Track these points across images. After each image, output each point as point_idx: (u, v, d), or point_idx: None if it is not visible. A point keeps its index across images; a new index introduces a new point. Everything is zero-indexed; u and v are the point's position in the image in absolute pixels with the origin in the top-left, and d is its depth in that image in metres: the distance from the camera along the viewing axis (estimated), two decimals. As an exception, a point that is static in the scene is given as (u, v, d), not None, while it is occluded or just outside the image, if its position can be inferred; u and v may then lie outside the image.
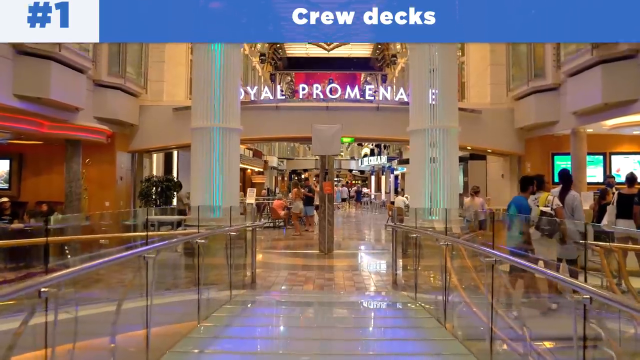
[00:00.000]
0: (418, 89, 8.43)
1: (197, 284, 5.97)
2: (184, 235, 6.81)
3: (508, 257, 3.93)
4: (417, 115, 8.45)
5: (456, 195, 8.27)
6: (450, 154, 8.31)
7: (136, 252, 4.03)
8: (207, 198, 8.10)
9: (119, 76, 11.55)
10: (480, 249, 4.19)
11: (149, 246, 4.16)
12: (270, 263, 11.00)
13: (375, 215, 27.93)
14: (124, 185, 12.69)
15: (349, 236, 16.62)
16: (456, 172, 8.33)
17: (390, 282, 8.75)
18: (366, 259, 12.49)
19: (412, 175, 8.85)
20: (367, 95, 12.90)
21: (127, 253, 3.90)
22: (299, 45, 34.30)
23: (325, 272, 9.79)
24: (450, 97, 8.36)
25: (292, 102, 13.25)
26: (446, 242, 5.66)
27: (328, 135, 11.69)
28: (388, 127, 13.08)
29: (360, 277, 9.43)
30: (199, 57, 8.52)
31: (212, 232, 5.89)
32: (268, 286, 8.45)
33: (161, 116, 13.05)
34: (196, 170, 8.29)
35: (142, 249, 4.08)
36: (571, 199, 7.16)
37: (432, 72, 8.08)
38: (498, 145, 13.10)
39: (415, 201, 8.50)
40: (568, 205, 7.10)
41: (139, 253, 4.07)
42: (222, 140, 8.30)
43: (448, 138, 8.39)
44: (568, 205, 7.10)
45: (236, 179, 8.72)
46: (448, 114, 8.40)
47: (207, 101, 8.24)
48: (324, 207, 12.00)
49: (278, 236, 16.35)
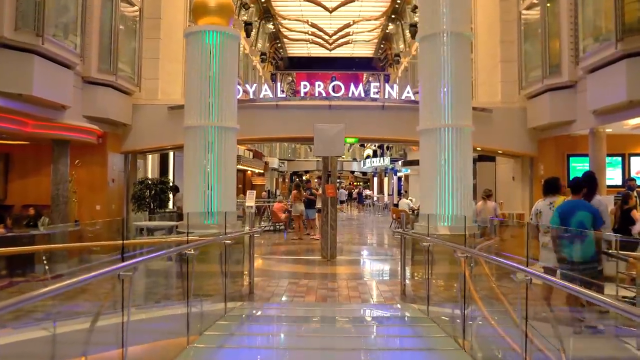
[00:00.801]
0: (428, 85, 7.79)
1: (187, 298, 5.33)
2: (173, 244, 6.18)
3: (562, 284, 3.30)
4: (428, 114, 7.80)
5: (470, 200, 7.64)
6: (463, 155, 7.67)
7: (109, 272, 3.41)
8: (200, 202, 7.46)
9: (110, 73, 10.93)
10: (515, 267, 3.56)
11: (125, 264, 3.54)
12: (270, 271, 10.38)
13: (377, 217, 27.31)
14: (116, 188, 12.07)
15: (351, 240, 15.99)
16: (470, 174, 7.71)
17: (399, 292, 8.13)
18: (371, 265, 11.87)
19: (422, 178, 8.22)
20: (372, 94, 12.26)
21: (97, 273, 3.27)
22: (301, 45, 33.78)
23: (328, 281, 9.18)
24: (463, 94, 7.72)
25: (293, 100, 12.63)
26: (465, 254, 5.03)
27: (330, 135, 11.07)
28: (394, 127, 12.45)
29: (366, 286, 8.81)
30: (192, 51, 7.89)
31: (202, 241, 5.26)
32: (267, 297, 7.83)
33: (156, 115, 12.43)
34: (189, 173, 7.65)
35: (116, 267, 3.46)
36: (596, 204, 6.54)
37: (443, 65, 7.44)
38: (509, 146, 12.46)
39: (426, 206, 7.86)
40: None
41: (113, 272, 3.46)
42: (217, 139, 7.66)
43: (461, 138, 7.75)
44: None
45: (233, 182, 8.10)
46: (461, 112, 7.77)
47: (202, 98, 7.60)
48: (326, 210, 11.38)
49: (278, 240, 15.74)
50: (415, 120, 12.04)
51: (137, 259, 3.66)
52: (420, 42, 8.43)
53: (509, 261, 3.82)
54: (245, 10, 24.06)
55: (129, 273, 3.55)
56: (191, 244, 4.93)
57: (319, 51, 33.37)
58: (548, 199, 6.33)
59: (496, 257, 3.95)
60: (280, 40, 34.09)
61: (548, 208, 6.24)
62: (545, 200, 6.38)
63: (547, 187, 6.42)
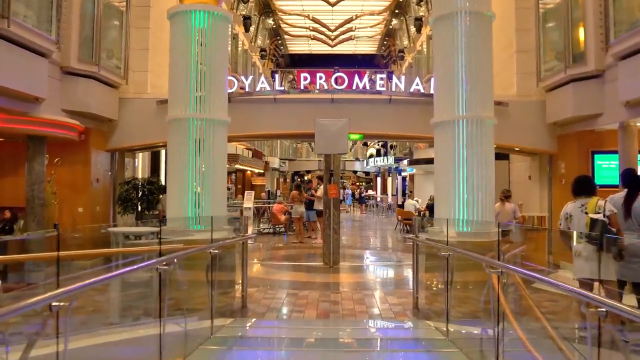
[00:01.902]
0: (443, 71, 6.83)
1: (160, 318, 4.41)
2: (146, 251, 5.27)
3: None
4: (443, 104, 6.83)
5: (492, 202, 6.70)
6: (484, 151, 6.72)
7: (37, 303, 2.50)
8: (185, 205, 6.53)
9: (92, 63, 10.01)
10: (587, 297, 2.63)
11: (60, 291, 2.63)
12: (267, 279, 9.45)
13: (381, 219, 26.38)
14: (101, 188, 11.15)
15: (355, 244, 15.05)
16: (492, 173, 6.77)
17: (410, 306, 7.21)
18: (377, 273, 10.93)
19: (437, 177, 7.29)
20: (378, 86, 11.31)
21: (17, 308, 2.35)
22: (302, 41, 32.91)
23: (331, 292, 8.25)
24: (483, 81, 6.76)
25: (292, 93, 11.69)
26: (499, 269, 4.10)
27: (333, 131, 10.16)
28: (401, 122, 11.51)
29: (373, 298, 7.88)
30: (177, 33, 6.94)
31: (178, 254, 4.33)
32: (261, 312, 6.90)
33: (145, 110, 11.51)
34: (173, 171, 6.70)
35: (46, 297, 2.55)
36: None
37: (461, 49, 6.50)
38: (526, 142, 11.50)
39: (441, 208, 6.92)
40: (636, 214, 5.56)
41: (43, 303, 2.55)
42: (205, 134, 6.71)
43: (482, 131, 6.81)
44: (636, 214, 5.56)
45: (222, 181, 7.17)
46: (481, 102, 6.82)
47: (187, 87, 6.65)
48: (328, 213, 10.46)
49: (278, 244, 14.82)
50: (424, 115, 11.11)
51: (73, 287, 2.72)
52: (434, 23, 7.48)
53: (578, 290, 2.88)
54: (244, 4, 23.19)
55: (65, 304, 2.65)
56: (163, 257, 4.00)
57: (320, 48, 32.50)
58: (579, 201, 5.41)
59: (556, 282, 3.01)
60: (280, 37, 33.27)
61: (579, 211, 5.33)
62: (575, 202, 5.46)
63: (578, 187, 5.49)
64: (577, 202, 5.49)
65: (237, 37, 23.97)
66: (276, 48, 34.05)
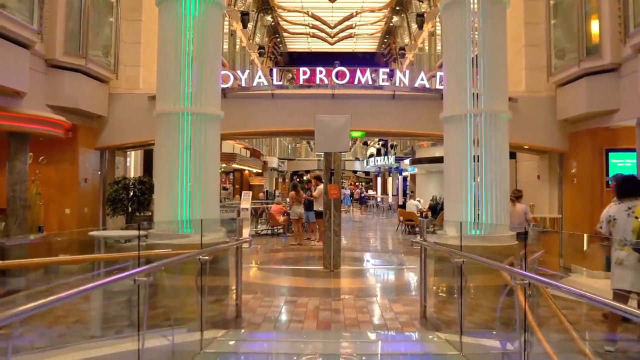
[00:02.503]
0: (454, 62, 6.29)
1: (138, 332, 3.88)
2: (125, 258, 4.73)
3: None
4: (453, 97, 6.28)
5: (506, 203, 6.17)
6: (498, 148, 6.18)
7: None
8: (175, 206, 5.99)
9: (79, 56, 9.47)
10: None
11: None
12: (263, 285, 8.92)
13: (381, 220, 25.85)
14: (90, 188, 10.61)
15: (356, 246, 14.52)
16: (506, 172, 6.24)
17: (418, 315, 6.68)
18: (380, 278, 10.40)
19: (447, 177, 6.76)
20: (381, 81, 10.77)
21: None
22: (301, 39, 32.40)
23: (332, 299, 7.73)
24: (498, 72, 6.22)
25: (291, 88, 11.13)
26: (525, 281, 3.57)
27: (334, 128, 9.64)
28: (405, 119, 10.98)
29: (377, 306, 7.35)
30: (166, 19, 6.40)
31: (160, 263, 3.80)
32: (257, 323, 6.37)
33: (136, 106, 10.96)
34: (161, 170, 6.15)
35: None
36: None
37: (473, 37, 5.96)
38: (536, 140, 10.97)
39: (450, 210, 6.37)
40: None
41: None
42: (196, 129, 6.16)
43: (496, 126, 6.26)
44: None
45: (215, 181, 6.62)
46: (495, 95, 6.28)
47: (176, 78, 6.11)
48: (328, 214, 9.93)
49: (276, 246, 14.29)
50: (430, 111, 10.59)
51: (22, 309, 2.19)
52: (443, 10, 6.92)
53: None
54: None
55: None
56: (142, 268, 3.47)
57: (320, 46, 32.00)
58: (625, 203, 4.88)
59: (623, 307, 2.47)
60: (279, 35, 32.77)
61: (626, 215, 4.81)
62: (621, 204, 4.93)
63: (625, 189, 4.98)
64: (623, 205, 5.01)
65: (235, 34, 23.44)
66: (275, 46, 33.54)
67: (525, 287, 3.61)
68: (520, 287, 3.65)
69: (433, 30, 22.40)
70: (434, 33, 22.50)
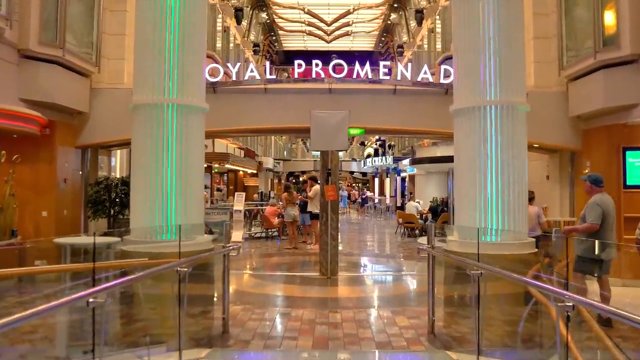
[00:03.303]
0: (466, 48, 5.61)
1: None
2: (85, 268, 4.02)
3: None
4: (466, 87, 5.58)
5: (525, 205, 5.50)
6: (516, 144, 5.49)
7: None
8: (153, 210, 5.27)
9: (56, 46, 8.75)
10: None
11: None
12: (255, 294, 8.23)
13: (380, 222, 25.19)
14: (69, 190, 9.88)
15: (354, 250, 13.82)
16: (524, 170, 5.55)
17: (425, 329, 6.00)
18: (381, 286, 9.69)
19: (457, 176, 6.09)
20: (381, 74, 10.08)
21: None
22: (297, 37, 31.78)
23: (329, 310, 7.04)
24: (514, 59, 5.55)
25: (286, 83, 10.42)
26: (569, 302, 2.89)
27: (332, 125, 8.97)
28: (407, 116, 10.30)
29: (380, 319, 6.66)
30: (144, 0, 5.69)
31: (117, 282, 3.10)
32: (246, 340, 5.68)
33: (120, 102, 10.13)
34: (137, 168, 5.43)
35: None
36: None
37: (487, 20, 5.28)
38: (546, 138, 10.30)
39: (463, 214, 5.67)
40: None
41: None
42: (177, 122, 5.44)
43: (513, 119, 5.58)
44: None
45: (199, 181, 5.92)
46: (512, 84, 5.60)
47: (155, 65, 5.40)
48: (325, 217, 9.26)
49: (270, 250, 13.60)
50: (434, 107, 9.94)
51: None
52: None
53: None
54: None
55: None
56: (95, 289, 2.78)
57: (316, 44, 31.37)
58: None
59: None
60: (275, 33, 32.16)
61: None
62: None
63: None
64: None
65: (228, 31, 22.75)
66: (270, 44, 32.88)
67: (569, 311, 2.93)
68: (557, 309, 2.96)
69: (433, 26, 21.76)
70: (434, 30, 21.86)
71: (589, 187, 6.21)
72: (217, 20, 20.61)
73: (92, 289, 2.76)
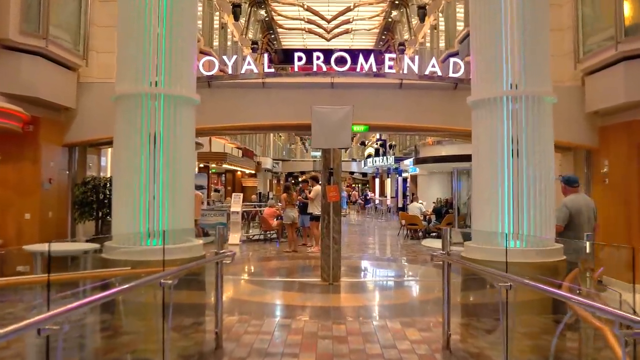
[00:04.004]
0: (485, 33, 5.03)
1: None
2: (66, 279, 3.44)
3: None
4: (486, 76, 5.00)
5: (552, 208, 4.93)
6: (542, 138, 4.92)
7: None
8: (137, 213, 4.68)
9: (39, 36, 8.17)
10: None
11: None
12: (251, 302, 7.64)
13: (380, 223, 24.61)
14: (55, 190, 9.29)
15: (356, 253, 13.23)
16: (551, 169, 4.99)
17: (439, 345, 5.42)
18: (387, 293, 9.09)
19: (475, 175, 5.52)
20: (387, 68, 9.51)
21: None
22: (296, 35, 31.25)
23: (333, 321, 6.45)
24: (539, 45, 4.98)
25: (285, 76, 9.83)
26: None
27: (334, 121, 8.40)
28: (414, 112, 9.72)
29: (388, 332, 6.05)
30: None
31: (72, 306, 2.51)
32: (242, 357, 5.09)
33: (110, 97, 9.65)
34: (120, 166, 4.84)
35: None
36: None
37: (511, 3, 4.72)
38: (560, 135, 9.49)
39: (482, 217, 5.07)
40: None
41: None
42: (164, 115, 4.87)
43: (539, 112, 5.01)
44: None
45: (189, 181, 5.33)
46: (537, 73, 5.03)
47: (141, 50, 4.83)
48: (327, 219, 8.68)
49: (269, 253, 13.02)
50: (443, 103, 9.39)
51: None
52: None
53: None
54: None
55: None
56: (46, 315, 2.20)
57: (316, 42, 30.82)
58: None
59: None
60: (274, 31, 31.61)
61: None
62: None
63: None
64: None
65: (226, 27, 22.20)
66: (269, 42, 32.32)
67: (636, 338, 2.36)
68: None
69: (436, 23, 21.21)
70: (437, 27, 21.31)
71: (563, 187, 6.33)
72: (214, 17, 20.06)
73: (40, 316, 2.18)
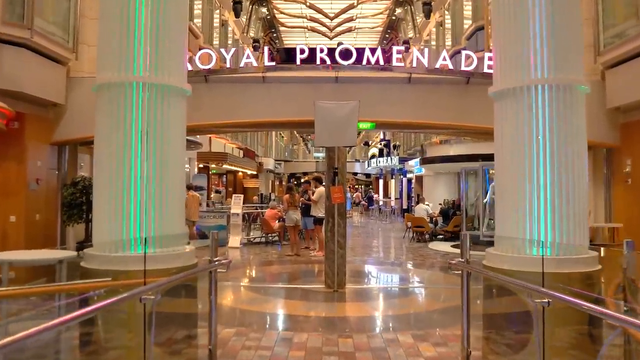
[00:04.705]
0: (509, 17, 4.52)
1: None
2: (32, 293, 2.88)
3: None
4: (508, 63, 4.49)
5: (585, 211, 4.41)
6: (574, 132, 4.40)
7: None
8: (120, 217, 4.17)
9: (23, 27, 7.65)
10: None
11: None
12: (250, 312, 7.09)
13: (385, 225, 24.05)
14: (43, 191, 8.78)
15: (361, 257, 12.65)
16: (585, 167, 4.46)
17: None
18: (396, 302, 8.48)
19: (498, 174, 4.99)
20: (394, 61, 8.95)
21: None
22: (298, 33, 30.77)
23: (338, 334, 5.89)
24: (570, 30, 4.47)
25: (286, 70, 9.28)
26: None
27: (339, 117, 7.86)
28: (424, 108, 9.20)
29: (400, 347, 5.47)
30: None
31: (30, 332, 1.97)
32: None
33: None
34: (101, 166, 4.35)
35: None
36: None
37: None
38: (579, 133, 9.19)
39: (507, 222, 4.52)
40: None
41: None
42: (151, 106, 4.34)
43: (570, 103, 4.47)
44: None
45: (179, 181, 4.81)
46: (568, 59, 4.51)
47: (124, 37, 4.31)
48: (331, 222, 8.14)
49: (270, 256, 12.46)
50: (454, 98, 8.84)
51: None
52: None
53: None
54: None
55: None
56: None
57: (318, 41, 30.37)
58: None
59: None
60: (275, 29, 31.16)
61: None
62: None
63: None
64: None
65: (227, 25, 21.72)
66: (271, 41, 31.83)
67: None
68: None
69: (441, 20, 20.69)
70: (442, 23, 20.79)
71: None
72: (214, 14, 19.59)
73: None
